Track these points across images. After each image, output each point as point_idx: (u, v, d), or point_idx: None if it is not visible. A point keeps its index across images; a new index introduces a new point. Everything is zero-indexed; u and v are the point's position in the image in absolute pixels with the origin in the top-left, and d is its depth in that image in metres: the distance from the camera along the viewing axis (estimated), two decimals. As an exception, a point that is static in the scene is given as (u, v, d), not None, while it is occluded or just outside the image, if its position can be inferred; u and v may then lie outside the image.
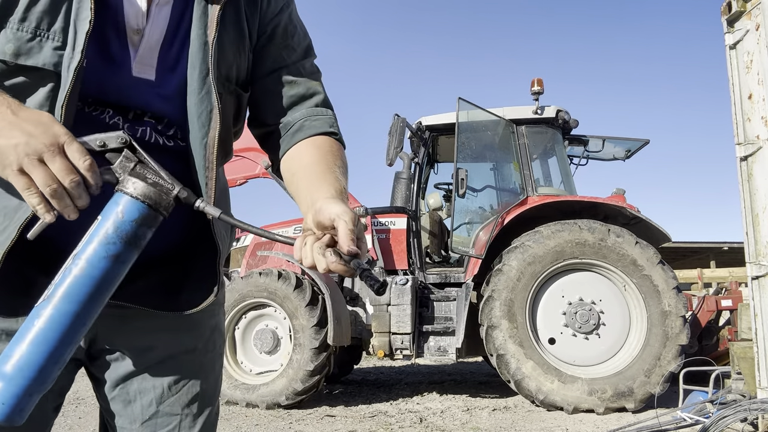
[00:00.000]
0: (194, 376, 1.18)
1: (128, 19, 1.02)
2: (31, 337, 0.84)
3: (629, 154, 7.40)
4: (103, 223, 0.88)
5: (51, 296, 0.85)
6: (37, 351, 0.83)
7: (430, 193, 7.33)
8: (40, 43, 0.96)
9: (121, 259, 0.88)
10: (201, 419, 1.18)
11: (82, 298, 0.85)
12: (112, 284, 0.89)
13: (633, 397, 5.32)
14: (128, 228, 0.87)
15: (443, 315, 6.18)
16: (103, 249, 0.86)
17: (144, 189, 0.88)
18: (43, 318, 0.84)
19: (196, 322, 1.20)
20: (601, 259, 5.58)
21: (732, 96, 4.08)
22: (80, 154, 0.85)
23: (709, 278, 12.25)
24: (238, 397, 5.66)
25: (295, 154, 1.16)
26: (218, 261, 1.13)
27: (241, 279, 5.92)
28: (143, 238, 0.90)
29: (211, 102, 1.05)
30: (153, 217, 0.90)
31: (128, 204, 0.88)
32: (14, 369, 0.83)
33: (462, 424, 4.95)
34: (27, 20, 0.95)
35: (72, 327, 0.85)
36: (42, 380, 0.84)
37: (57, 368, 0.87)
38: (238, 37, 1.13)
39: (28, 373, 0.83)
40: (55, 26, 0.96)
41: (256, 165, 6.71)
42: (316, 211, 0.95)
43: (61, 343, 0.85)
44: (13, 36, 0.95)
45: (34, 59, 0.95)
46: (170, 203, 0.91)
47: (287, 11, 1.22)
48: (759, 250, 3.89)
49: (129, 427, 1.14)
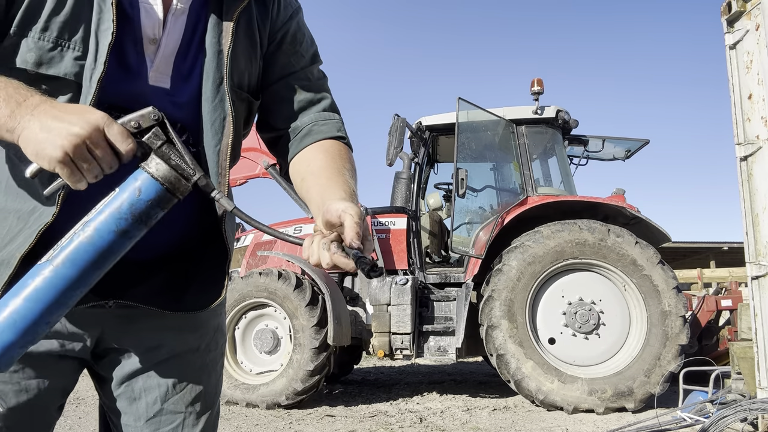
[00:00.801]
0: (198, 374, 1.20)
1: (145, 29, 1.04)
2: (26, 293, 0.85)
3: (629, 154, 7.40)
4: (119, 196, 0.89)
5: (54, 258, 0.86)
6: (31, 308, 0.85)
7: (430, 193, 7.34)
8: (62, 53, 0.96)
9: (129, 234, 0.89)
10: (204, 417, 1.20)
11: (83, 266, 0.87)
12: (114, 256, 0.90)
13: (633, 397, 5.32)
14: (142, 206, 0.89)
15: (443, 315, 6.19)
16: (114, 222, 0.88)
17: (166, 171, 0.89)
18: (42, 277, 0.86)
19: (201, 321, 1.22)
20: (601, 259, 5.59)
21: (732, 96, 4.09)
22: (122, 137, 0.87)
23: (709, 278, 12.25)
24: (238, 397, 5.66)
25: (304, 159, 1.18)
26: (227, 263, 1.14)
27: (241, 279, 5.92)
28: (154, 218, 0.91)
29: (224, 110, 1.07)
30: (168, 199, 0.91)
31: (147, 183, 0.89)
32: (5, 321, 0.84)
33: (462, 424, 4.95)
34: (49, 30, 0.96)
35: (67, 291, 0.87)
36: (30, 336, 0.86)
37: (46, 328, 0.88)
38: (250, 45, 1.15)
39: (20, 326, 0.84)
40: (76, 36, 0.97)
41: (256, 165, 6.71)
42: (325, 210, 0.96)
43: (55, 304, 0.86)
44: (35, 45, 0.95)
45: (55, 69, 0.96)
46: (188, 188, 0.92)
47: (296, 18, 1.24)
48: (759, 250, 3.89)
49: (134, 424, 1.15)
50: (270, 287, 5.76)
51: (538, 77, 6.36)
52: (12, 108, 0.86)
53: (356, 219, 0.92)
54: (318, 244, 0.94)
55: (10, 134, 0.87)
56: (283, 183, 6.54)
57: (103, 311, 1.12)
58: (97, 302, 1.10)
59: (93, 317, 1.11)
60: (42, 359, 1.07)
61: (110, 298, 1.11)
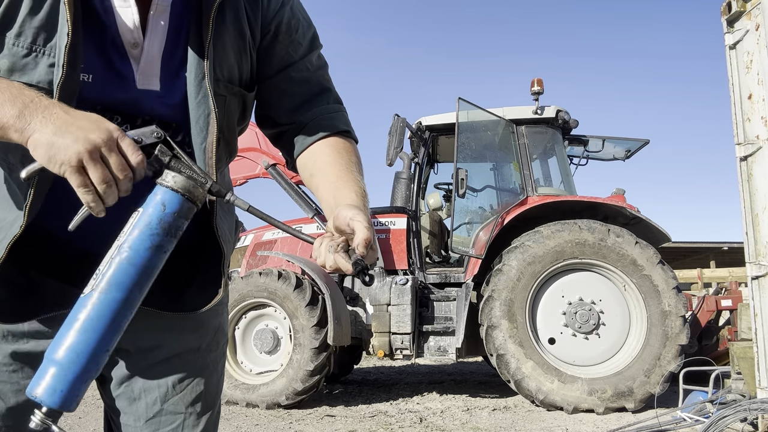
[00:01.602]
0: (198, 375, 1.19)
1: (123, 33, 1.01)
2: (80, 324, 0.86)
3: (629, 154, 7.40)
4: (144, 214, 0.91)
5: (97, 285, 0.87)
6: (89, 338, 0.85)
7: (430, 193, 7.34)
8: (36, 60, 0.94)
9: (163, 248, 0.91)
10: (204, 418, 1.19)
11: (129, 286, 0.89)
12: (154, 272, 0.92)
13: (633, 397, 5.32)
14: (170, 219, 0.91)
15: (443, 315, 6.18)
16: (147, 239, 0.89)
17: (183, 182, 0.91)
18: (92, 306, 0.86)
19: (201, 321, 1.21)
20: (601, 259, 5.59)
21: (732, 96, 4.09)
22: (132, 149, 0.87)
23: (709, 278, 12.25)
24: (238, 397, 5.66)
25: (311, 155, 1.18)
26: (223, 262, 1.13)
27: (241, 279, 5.92)
28: (181, 229, 0.94)
29: (208, 106, 1.04)
30: (190, 208, 0.93)
31: (170, 196, 0.91)
32: (67, 356, 0.84)
33: (462, 424, 4.95)
34: (23, 35, 0.93)
35: (120, 313, 0.88)
36: (94, 366, 0.87)
37: (107, 355, 0.89)
38: (238, 37, 1.12)
39: (81, 359, 0.85)
40: (51, 42, 0.94)
41: (256, 165, 6.71)
42: (335, 216, 0.98)
43: (111, 329, 0.88)
44: (8, 52, 0.93)
45: (28, 76, 0.94)
46: (204, 195, 0.95)
47: (288, 5, 1.20)
48: (759, 250, 3.89)
49: (133, 424, 1.15)
50: (270, 287, 5.76)
51: (538, 77, 6.36)
52: (19, 108, 0.84)
53: (364, 226, 0.94)
54: (326, 246, 0.96)
55: (18, 135, 0.85)
56: (283, 183, 6.53)
57: None
58: None
59: None
60: (41, 358, 1.07)
61: None
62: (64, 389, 0.84)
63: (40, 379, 0.84)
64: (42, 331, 1.07)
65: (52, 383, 0.83)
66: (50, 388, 0.83)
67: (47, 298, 1.06)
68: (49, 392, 0.83)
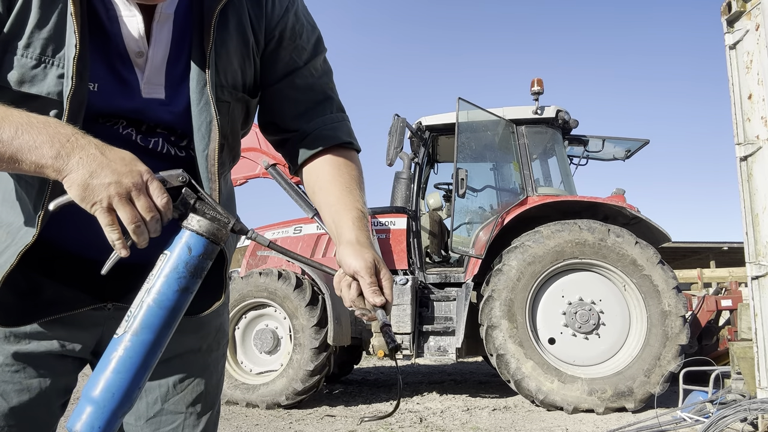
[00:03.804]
0: (199, 375, 1.20)
1: (128, 43, 1.02)
2: (113, 365, 0.91)
3: (629, 154, 7.40)
4: (171, 258, 0.94)
5: (130, 327, 0.92)
6: (123, 377, 0.91)
7: (430, 193, 7.34)
8: (45, 71, 0.95)
9: (190, 290, 0.95)
10: (204, 418, 1.20)
11: (158, 328, 0.93)
12: (181, 312, 0.96)
13: (633, 397, 5.32)
14: (195, 262, 0.95)
15: (443, 315, 6.19)
16: (175, 282, 0.93)
17: (207, 226, 0.95)
18: (125, 347, 0.92)
19: (202, 322, 1.21)
20: (601, 259, 5.59)
21: (732, 96, 4.09)
22: (160, 192, 0.90)
23: (709, 278, 12.25)
24: (238, 397, 5.66)
25: (313, 171, 1.20)
26: (225, 268, 1.14)
27: (241, 279, 5.92)
28: (206, 269, 0.97)
29: (210, 113, 1.05)
30: (214, 249, 0.97)
31: (194, 240, 0.94)
32: (102, 394, 0.90)
33: (462, 424, 4.95)
34: (31, 46, 0.94)
35: (150, 353, 0.93)
36: (128, 402, 0.92)
37: (140, 391, 0.95)
38: (242, 43, 1.12)
39: (116, 397, 0.91)
40: (60, 53, 0.95)
41: (256, 165, 6.70)
42: (339, 258, 1.03)
43: (143, 367, 0.93)
44: (17, 63, 0.94)
45: (37, 87, 0.95)
46: (227, 235, 0.98)
47: (293, 9, 1.20)
48: (759, 250, 3.89)
49: (134, 423, 1.16)
50: (270, 287, 5.76)
51: (538, 77, 6.36)
52: (57, 149, 0.87)
53: (368, 280, 0.99)
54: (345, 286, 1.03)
55: (56, 174, 0.87)
56: (283, 183, 6.53)
57: (102, 313, 1.12)
58: (97, 306, 1.10)
59: (93, 319, 1.12)
60: (43, 359, 1.07)
61: (109, 300, 1.12)
62: (101, 426, 0.90)
63: (79, 416, 0.90)
64: (43, 332, 1.07)
65: (89, 420, 0.89)
66: (88, 426, 0.89)
67: (47, 301, 1.06)
68: (87, 429, 0.90)
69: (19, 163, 0.87)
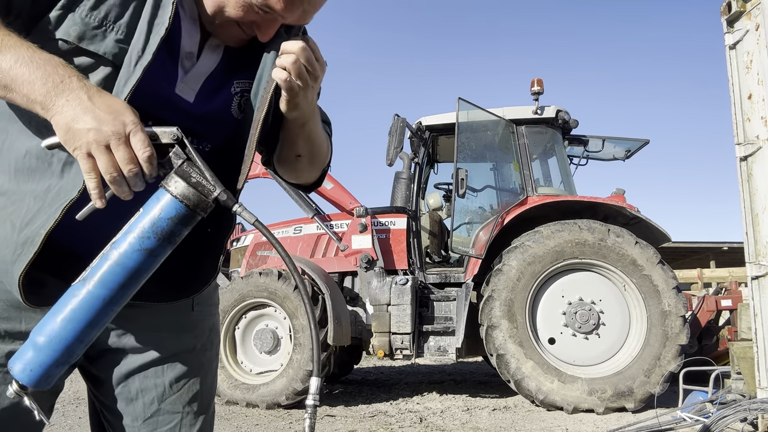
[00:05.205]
0: (195, 374, 1.20)
1: (184, 44, 1.08)
2: (63, 314, 0.90)
3: (629, 154, 7.40)
4: (142, 216, 0.91)
5: (86, 279, 0.90)
6: (67, 328, 0.89)
7: (430, 193, 7.34)
8: (105, 33, 0.99)
9: (154, 253, 0.92)
10: (201, 418, 1.20)
11: (114, 285, 0.90)
12: (143, 275, 0.93)
13: (633, 397, 5.32)
14: (164, 225, 0.91)
15: (443, 315, 6.18)
16: (138, 242, 0.90)
17: (184, 189, 0.91)
18: (77, 298, 0.90)
19: (196, 321, 1.23)
20: (601, 259, 5.59)
21: (732, 96, 4.09)
22: (143, 145, 0.89)
23: (709, 278, 12.25)
24: (238, 397, 5.66)
25: None
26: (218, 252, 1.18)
27: (241, 279, 5.92)
28: (178, 236, 0.94)
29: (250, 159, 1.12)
30: (190, 216, 0.93)
31: (167, 202, 0.91)
32: (44, 341, 0.89)
33: (462, 424, 4.95)
34: (97, 9, 0.99)
35: (101, 310, 0.91)
36: (67, 355, 0.91)
37: (82, 346, 0.93)
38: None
39: (56, 346, 0.89)
40: (121, 20, 1.00)
41: (256, 165, 6.71)
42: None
43: (89, 324, 0.90)
44: (81, 21, 0.98)
45: (96, 45, 0.99)
46: (209, 205, 0.94)
47: None
48: (759, 250, 3.89)
49: (131, 424, 1.16)
50: (270, 287, 5.76)
51: (538, 77, 6.36)
52: (49, 88, 0.89)
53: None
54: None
55: (44, 111, 0.90)
56: (283, 183, 6.53)
57: None
58: None
59: None
60: None
61: None
62: (36, 371, 0.90)
63: (19, 358, 0.91)
64: None
65: (27, 365, 0.90)
66: (26, 371, 0.90)
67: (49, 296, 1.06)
68: (23, 371, 0.90)
69: (11, 93, 0.90)
